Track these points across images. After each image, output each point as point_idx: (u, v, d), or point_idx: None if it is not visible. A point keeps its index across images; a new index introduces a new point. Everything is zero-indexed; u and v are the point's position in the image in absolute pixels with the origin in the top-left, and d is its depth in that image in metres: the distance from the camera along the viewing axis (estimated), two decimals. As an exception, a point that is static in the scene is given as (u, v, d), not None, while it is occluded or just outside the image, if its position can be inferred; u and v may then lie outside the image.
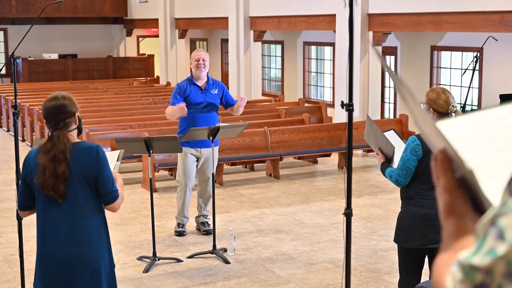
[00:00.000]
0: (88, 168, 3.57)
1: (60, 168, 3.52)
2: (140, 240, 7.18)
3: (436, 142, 1.01)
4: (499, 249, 0.80)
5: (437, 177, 0.98)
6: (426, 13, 10.60)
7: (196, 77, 7.00)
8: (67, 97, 3.68)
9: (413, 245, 4.40)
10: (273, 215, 8.12)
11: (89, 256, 3.60)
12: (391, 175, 4.35)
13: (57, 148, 3.55)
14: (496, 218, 0.81)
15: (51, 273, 3.60)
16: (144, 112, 13.22)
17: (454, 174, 0.97)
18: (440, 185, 0.98)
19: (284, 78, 17.27)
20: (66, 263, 3.58)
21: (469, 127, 0.97)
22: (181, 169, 7.08)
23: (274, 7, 14.43)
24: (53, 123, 3.61)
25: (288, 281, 5.98)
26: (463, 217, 0.95)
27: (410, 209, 4.39)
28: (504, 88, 11.00)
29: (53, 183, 3.53)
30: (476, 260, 0.81)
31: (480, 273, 0.81)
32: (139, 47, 23.57)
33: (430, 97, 4.25)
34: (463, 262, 0.83)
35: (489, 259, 0.80)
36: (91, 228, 3.62)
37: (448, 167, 0.97)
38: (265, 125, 10.74)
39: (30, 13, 20.93)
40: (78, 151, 3.59)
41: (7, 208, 8.44)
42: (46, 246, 3.62)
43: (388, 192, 9.02)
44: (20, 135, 13.55)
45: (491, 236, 0.81)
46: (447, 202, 0.97)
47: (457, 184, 0.96)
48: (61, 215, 3.59)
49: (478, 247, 0.82)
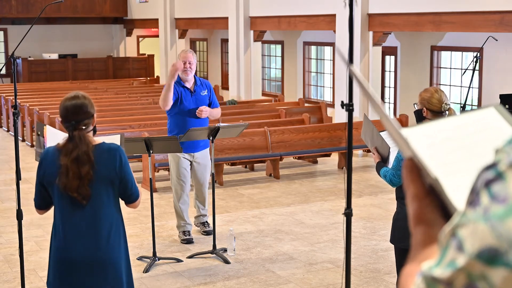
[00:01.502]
0: (112, 170, 3.55)
1: (84, 169, 3.48)
2: (140, 240, 7.18)
3: (404, 150, 1.01)
4: (459, 261, 0.79)
5: (406, 185, 0.98)
6: (426, 13, 10.60)
7: (184, 80, 6.94)
8: (87, 97, 3.63)
9: (408, 246, 4.38)
10: (273, 215, 8.12)
11: (111, 259, 3.58)
12: (385, 175, 4.35)
13: (80, 149, 3.49)
14: (456, 229, 0.81)
15: (73, 277, 3.55)
16: (144, 112, 13.22)
17: (423, 182, 0.97)
18: (410, 193, 0.97)
19: (284, 78, 17.27)
20: (89, 265, 3.54)
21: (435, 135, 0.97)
22: (175, 174, 6.96)
23: (274, 7, 14.43)
24: (73, 122, 3.54)
25: (288, 281, 5.98)
26: (432, 225, 0.95)
27: (405, 210, 4.39)
28: (504, 88, 11.00)
29: (77, 185, 3.49)
30: (437, 272, 0.81)
31: (442, 285, 0.80)
32: (139, 47, 23.58)
33: (423, 97, 4.30)
34: (426, 274, 0.83)
35: (449, 271, 0.80)
36: (113, 229, 3.61)
37: (417, 175, 0.97)
38: (265, 125, 10.74)
39: (30, 13, 20.93)
40: (101, 152, 3.55)
41: (7, 208, 8.44)
42: (67, 249, 3.56)
43: (388, 192, 9.02)
44: (20, 135, 13.55)
45: (451, 248, 0.81)
46: (416, 210, 0.96)
47: (426, 192, 0.96)
48: (85, 216, 3.55)
49: (440, 258, 0.82)
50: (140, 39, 23.57)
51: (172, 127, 6.94)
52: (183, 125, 6.80)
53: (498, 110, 0.98)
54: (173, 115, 6.91)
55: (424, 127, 0.99)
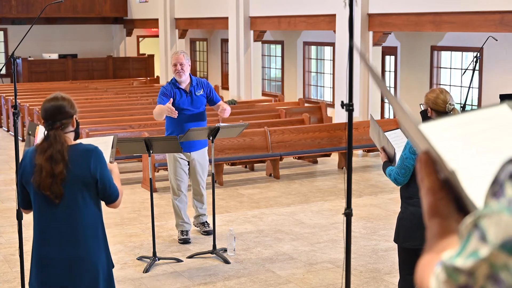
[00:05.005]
0: (87, 171, 3.55)
1: (57, 168, 3.50)
2: (140, 240, 7.17)
3: (419, 144, 1.01)
4: (482, 251, 0.80)
5: (421, 178, 0.99)
6: (426, 13, 10.60)
7: (179, 81, 6.92)
8: (66, 98, 3.66)
9: (412, 245, 4.40)
10: (273, 215, 8.12)
11: (87, 257, 3.59)
12: (390, 174, 4.39)
13: (54, 147, 3.52)
14: (479, 219, 0.82)
15: (49, 274, 3.58)
16: (144, 112, 13.21)
17: (438, 175, 0.97)
18: (424, 186, 0.98)
19: (284, 78, 17.27)
20: (63, 264, 3.57)
21: (452, 129, 0.98)
22: (173, 174, 6.96)
23: (274, 7, 14.43)
24: (50, 122, 3.58)
25: (288, 281, 5.98)
26: (446, 218, 0.96)
27: (410, 209, 4.40)
28: (504, 88, 11.00)
29: (50, 183, 3.51)
30: (459, 262, 0.82)
31: (463, 274, 0.81)
32: (139, 47, 23.57)
33: (429, 98, 4.38)
34: (447, 263, 0.83)
35: (471, 261, 0.80)
36: (88, 229, 3.61)
37: (432, 169, 0.98)
38: (265, 125, 10.74)
39: (30, 13, 20.93)
40: (76, 153, 3.56)
41: (7, 208, 8.44)
42: (43, 247, 3.60)
43: (388, 192, 9.02)
44: (20, 135, 13.54)
45: (474, 238, 0.81)
46: (431, 203, 0.97)
47: (440, 186, 0.97)
48: (58, 215, 3.57)
49: (461, 248, 0.83)
50: (140, 39, 23.57)
51: (168, 125, 6.94)
52: (179, 125, 6.79)
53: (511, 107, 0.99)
54: (169, 116, 6.90)
55: (439, 123, 1.00)
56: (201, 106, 6.92)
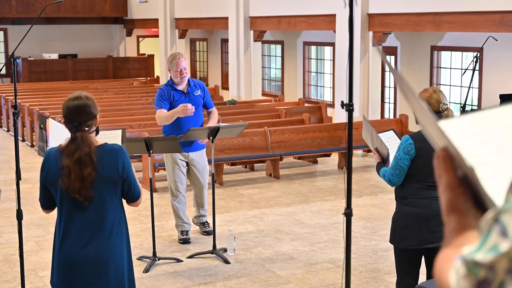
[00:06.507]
0: (115, 172, 3.56)
1: (86, 171, 3.48)
2: (140, 240, 7.18)
3: (438, 141, 1.02)
4: (502, 246, 0.81)
5: (439, 175, 0.99)
6: (426, 13, 10.60)
7: (177, 83, 6.90)
8: (90, 98, 3.62)
9: (408, 246, 4.40)
10: (273, 215, 8.12)
11: (113, 257, 3.59)
12: (384, 175, 4.37)
13: (82, 150, 3.48)
14: (500, 215, 0.83)
15: (76, 275, 3.55)
16: (144, 112, 13.22)
17: (456, 172, 0.98)
18: (442, 183, 0.99)
19: (284, 78, 17.27)
20: (90, 264, 3.55)
21: (471, 126, 0.98)
22: (171, 174, 6.94)
23: (274, 7, 14.43)
24: (76, 124, 3.53)
25: (288, 281, 5.98)
26: (465, 214, 0.96)
27: (404, 209, 4.39)
28: (504, 88, 11.00)
29: (79, 186, 3.49)
30: (479, 256, 0.82)
31: (483, 269, 0.82)
32: (139, 47, 23.58)
33: (422, 97, 4.30)
34: (467, 258, 0.84)
35: (492, 256, 0.81)
36: (114, 229, 3.61)
37: (450, 165, 0.98)
38: (265, 125, 10.75)
39: (30, 13, 20.93)
40: (103, 154, 3.54)
41: (7, 208, 8.44)
42: (69, 248, 3.56)
43: (388, 192, 9.02)
44: (20, 135, 13.54)
45: (494, 233, 0.82)
46: (449, 199, 0.98)
47: (459, 182, 0.98)
48: (86, 217, 3.55)
49: (481, 243, 0.83)
50: (140, 39, 23.57)
51: (167, 128, 6.90)
52: (177, 125, 6.78)
53: None
54: None
55: (458, 120, 1.01)
56: (198, 107, 6.92)
